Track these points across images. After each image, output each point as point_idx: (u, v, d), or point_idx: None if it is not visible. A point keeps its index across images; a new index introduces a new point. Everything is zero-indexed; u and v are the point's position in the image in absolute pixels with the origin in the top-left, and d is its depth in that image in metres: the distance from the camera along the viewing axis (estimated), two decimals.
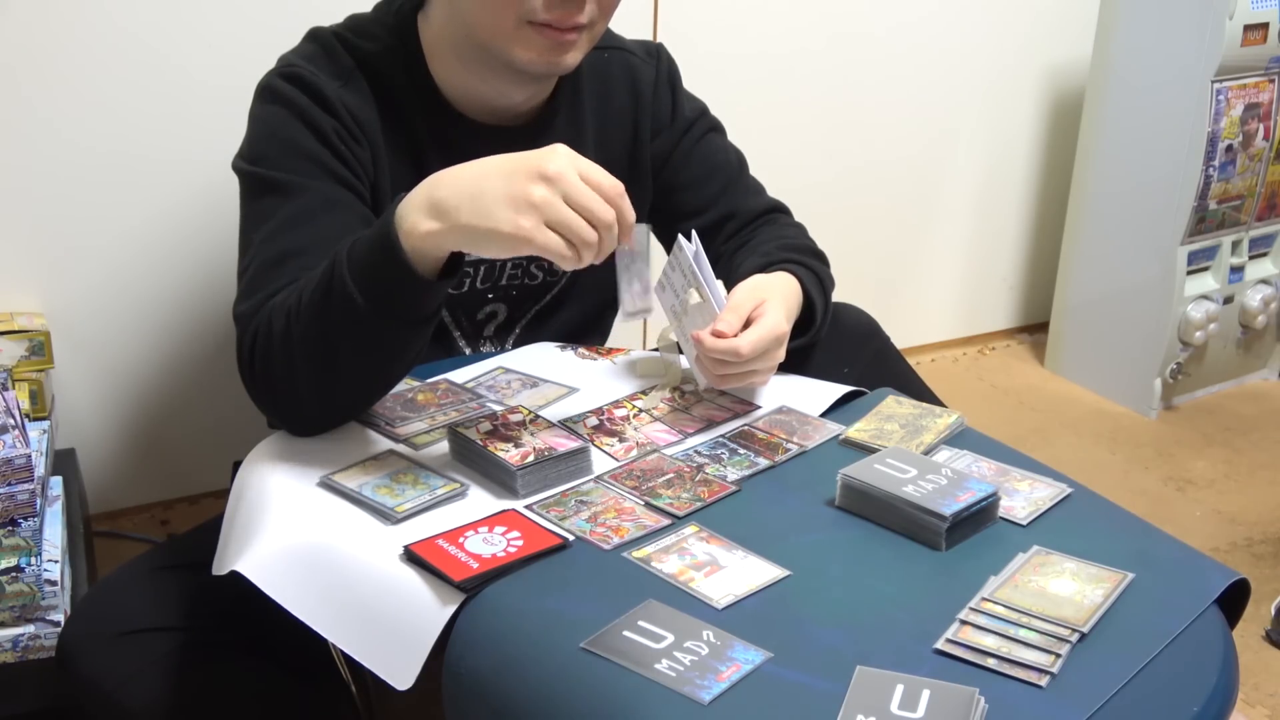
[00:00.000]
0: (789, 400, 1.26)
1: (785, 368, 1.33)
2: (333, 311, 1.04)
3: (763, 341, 1.16)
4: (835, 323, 1.36)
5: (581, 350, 1.38)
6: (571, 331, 1.45)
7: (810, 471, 1.13)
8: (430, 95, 1.29)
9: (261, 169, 1.22)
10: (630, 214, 1.03)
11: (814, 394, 1.28)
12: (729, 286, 1.25)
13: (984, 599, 0.94)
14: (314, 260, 1.15)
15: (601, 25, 1.24)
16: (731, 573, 0.97)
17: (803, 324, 1.29)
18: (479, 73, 1.27)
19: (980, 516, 1.04)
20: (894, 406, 1.25)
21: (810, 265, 1.32)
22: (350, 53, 1.27)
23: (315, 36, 1.30)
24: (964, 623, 0.92)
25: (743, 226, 1.43)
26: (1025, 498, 1.09)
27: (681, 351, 1.30)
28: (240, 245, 1.22)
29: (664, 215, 1.46)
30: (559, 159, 0.99)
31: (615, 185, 1.02)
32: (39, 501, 1.38)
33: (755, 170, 1.49)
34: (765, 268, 1.29)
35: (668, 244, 1.49)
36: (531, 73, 1.25)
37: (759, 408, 1.25)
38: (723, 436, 1.19)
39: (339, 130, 1.23)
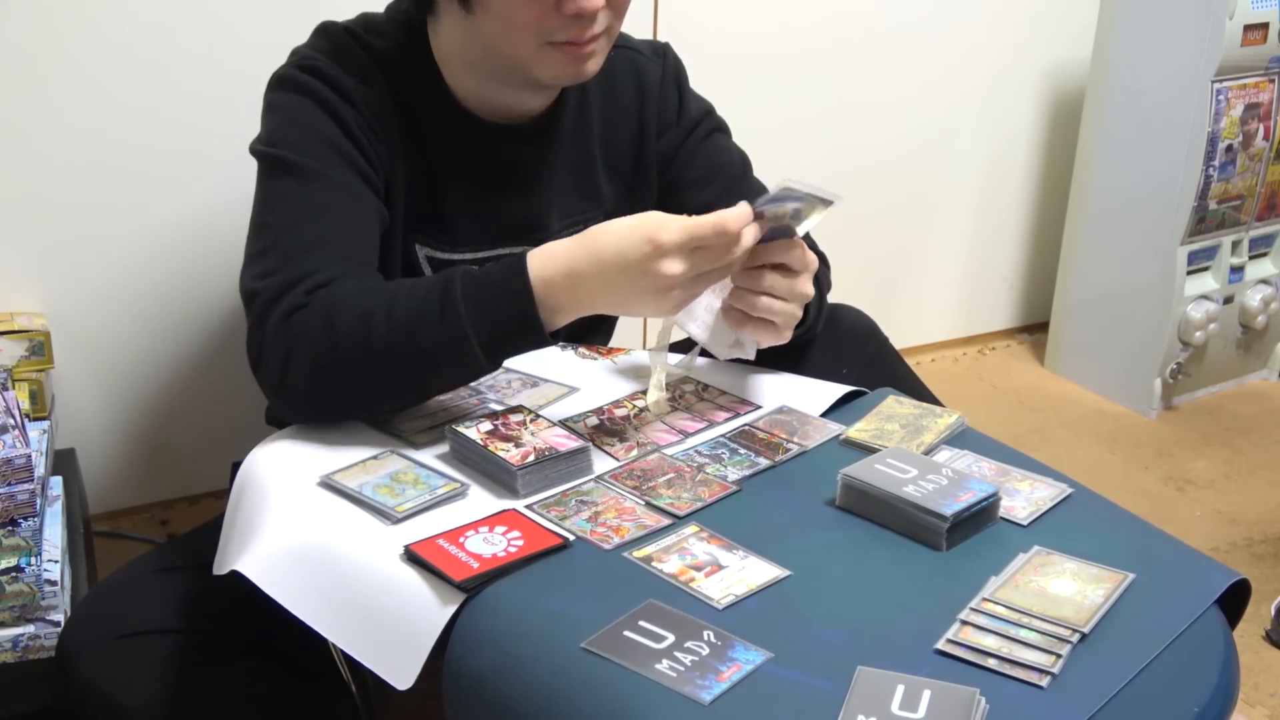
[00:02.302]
0: (789, 400, 1.26)
1: (783, 368, 1.33)
2: (442, 350, 1.09)
3: (785, 242, 1.16)
4: (834, 324, 1.36)
5: (581, 350, 1.38)
6: (572, 331, 1.45)
7: (811, 471, 1.13)
8: (440, 94, 1.28)
9: (283, 151, 1.21)
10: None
11: (814, 394, 1.27)
12: None
13: (984, 599, 0.94)
14: (337, 252, 1.16)
15: (617, 27, 1.23)
16: (732, 573, 0.97)
17: None
18: (495, 85, 1.26)
19: (981, 517, 1.04)
20: (894, 406, 1.25)
21: None
22: (363, 48, 1.26)
23: (326, 31, 1.29)
24: (965, 623, 0.92)
25: None
26: (1026, 498, 1.09)
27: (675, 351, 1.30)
28: (255, 222, 1.21)
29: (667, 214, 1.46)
30: (668, 250, 1.04)
31: (717, 223, 1.05)
32: (39, 501, 1.38)
33: (755, 170, 1.49)
34: None
35: None
36: (556, 86, 1.26)
37: (759, 407, 1.25)
38: (723, 436, 1.19)
39: (359, 122, 1.23)
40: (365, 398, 1.14)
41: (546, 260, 1.08)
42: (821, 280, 1.34)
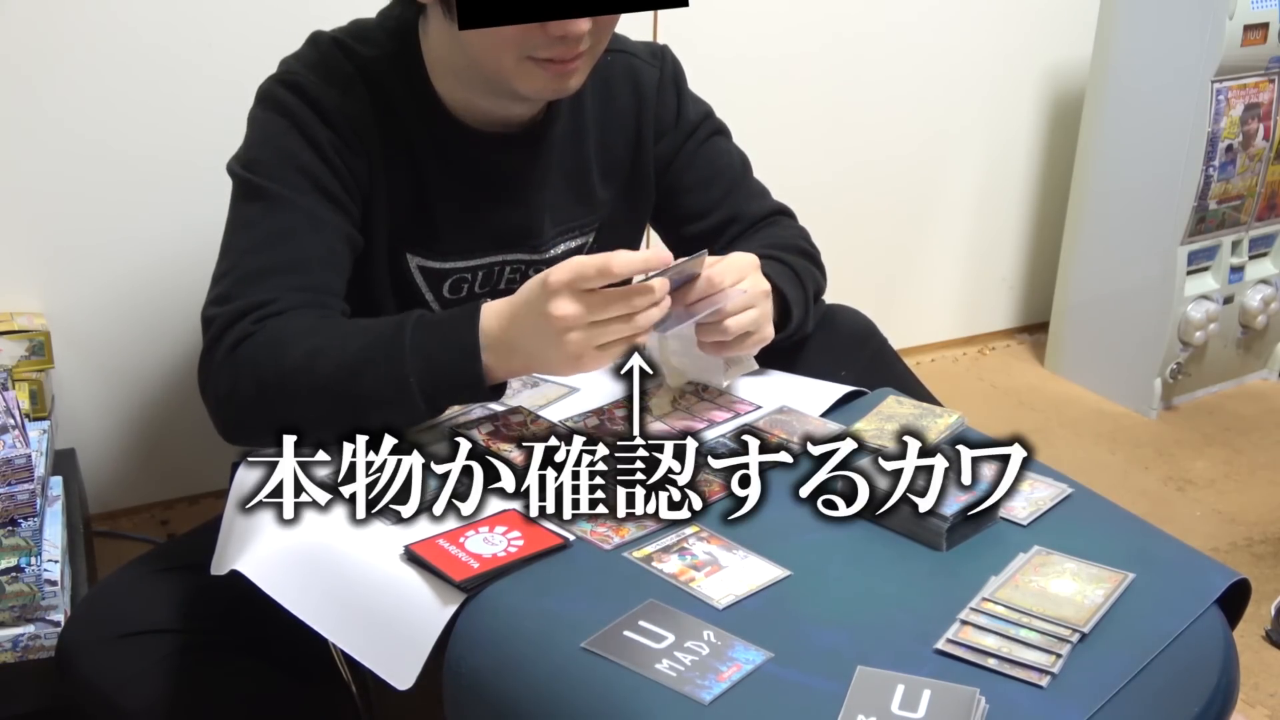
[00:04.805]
0: (789, 400, 1.26)
1: (782, 368, 1.33)
2: (384, 391, 1.09)
3: (730, 264, 1.18)
4: (832, 325, 1.36)
5: None
6: None
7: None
8: (429, 103, 1.27)
9: (254, 175, 1.21)
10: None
11: (814, 394, 1.27)
12: None
13: (984, 599, 0.94)
14: (295, 280, 1.17)
15: (602, 45, 1.22)
16: (732, 573, 0.97)
17: (779, 321, 1.28)
18: (480, 93, 1.25)
19: (981, 517, 1.04)
20: (894, 406, 1.25)
21: (788, 261, 1.31)
22: (349, 59, 1.25)
23: (315, 41, 1.29)
24: (965, 623, 0.92)
25: (746, 230, 1.42)
26: (1026, 498, 1.09)
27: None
28: (222, 247, 1.22)
29: (667, 218, 1.46)
30: (555, 289, 1.04)
31: (601, 265, 1.05)
32: (39, 501, 1.38)
33: (755, 171, 1.49)
34: None
35: (670, 246, 1.49)
36: (537, 100, 1.26)
37: (759, 407, 1.25)
38: (723, 436, 1.19)
39: (336, 143, 1.22)
40: (305, 428, 1.11)
41: (495, 312, 1.10)
42: (806, 279, 1.33)
